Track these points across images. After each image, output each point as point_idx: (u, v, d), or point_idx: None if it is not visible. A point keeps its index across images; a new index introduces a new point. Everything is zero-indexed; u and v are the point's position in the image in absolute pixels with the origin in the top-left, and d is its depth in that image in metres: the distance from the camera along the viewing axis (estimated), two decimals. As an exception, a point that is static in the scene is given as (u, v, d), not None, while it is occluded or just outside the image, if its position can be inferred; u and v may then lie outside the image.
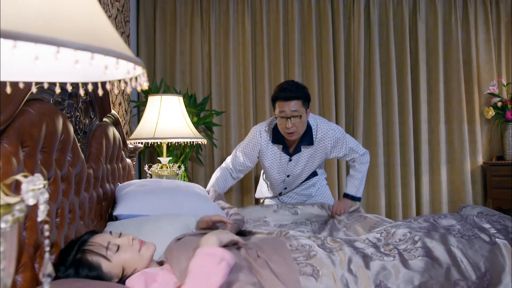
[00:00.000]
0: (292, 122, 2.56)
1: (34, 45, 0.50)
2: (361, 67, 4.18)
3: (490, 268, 1.54)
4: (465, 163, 4.16)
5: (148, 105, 3.11)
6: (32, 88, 0.66)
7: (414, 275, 1.49)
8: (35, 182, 0.65)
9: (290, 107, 2.54)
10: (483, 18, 4.26)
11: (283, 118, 2.58)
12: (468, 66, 4.23)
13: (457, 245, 1.59)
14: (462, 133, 4.17)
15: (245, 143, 2.86)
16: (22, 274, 1.37)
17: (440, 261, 1.54)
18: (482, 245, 1.59)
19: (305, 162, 2.83)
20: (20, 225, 1.37)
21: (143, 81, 0.63)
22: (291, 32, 4.22)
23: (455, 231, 1.66)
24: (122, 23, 3.65)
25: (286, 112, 2.55)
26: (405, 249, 1.61)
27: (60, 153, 1.71)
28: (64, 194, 1.74)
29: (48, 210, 1.56)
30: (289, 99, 2.53)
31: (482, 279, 1.51)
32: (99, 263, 1.45)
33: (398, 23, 4.24)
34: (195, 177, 4.19)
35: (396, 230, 1.72)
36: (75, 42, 0.51)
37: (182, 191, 2.40)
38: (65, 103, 1.87)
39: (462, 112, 4.18)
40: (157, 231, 1.90)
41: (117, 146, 2.56)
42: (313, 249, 1.62)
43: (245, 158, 2.86)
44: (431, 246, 1.60)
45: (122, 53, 0.56)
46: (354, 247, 1.65)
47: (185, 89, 4.12)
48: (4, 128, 1.34)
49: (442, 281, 1.50)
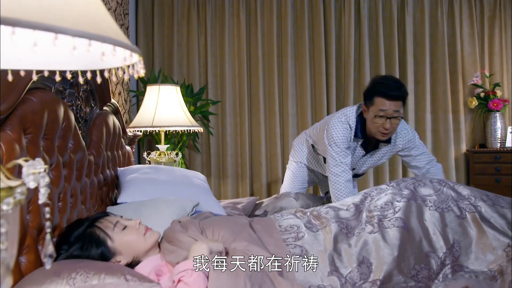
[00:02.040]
0: (391, 122, 2.27)
1: (32, 31, 0.49)
2: (351, 58, 4.17)
3: (459, 241, 1.56)
4: (449, 150, 4.17)
5: (146, 95, 3.09)
6: (32, 76, 0.65)
7: (393, 248, 1.53)
8: (35, 166, 0.65)
9: (394, 107, 2.25)
10: (468, 13, 4.25)
11: (382, 118, 2.26)
12: (453, 58, 4.22)
13: (430, 219, 1.63)
14: (447, 122, 4.18)
15: (339, 140, 2.41)
16: (26, 256, 1.37)
17: (414, 233, 1.58)
18: (452, 219, 1.63)
19: (376, 160, 2.60)
20: (23, 209, 1.36)
21: (140, 68, 0.62)
22: (284, 25, 4.19)
23: (431, 203, 1.69)
24: (121, 15, 3.61)
25: (388, 111, 2.25)
26: (385, 216, 1.65)
27: (61, 140, 1.70)
28: (66, 180, 1.73)
29: (50, 194, 1.56)
30: (395, 99, 2.25)
31: (451, 250, 1.54)
32: (104, 239, 1.46)
33: (387, 17, 4.23)
34: (192, 164, 4.19)
35: (380, 197, 1.76)
36: (72, 29, 0.50)
37: (183, 182, 2.40)
38: (66, 92, 1.86)
39: (447, 102, 4.18)
40: (155, 214, 1.90)
41: (117, 134, 2.55)
42: (300, 230, 1.65)
43: (347, 154, 2.43)
44: (409, 216, 1.64)
45: (119, 40, 0.55)
46: (339, 221, 1.68)
47: (182, 80, 4.10)
48: (7, 116, 1.33)
49: (417, 253, 1.53)
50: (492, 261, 1.50)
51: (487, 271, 1.49)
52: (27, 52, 0.63)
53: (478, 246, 1.54)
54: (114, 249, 1.47)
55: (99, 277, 1.21)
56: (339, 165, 2.40)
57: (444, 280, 1.48)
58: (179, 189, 2.27)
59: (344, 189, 2.39)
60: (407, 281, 1.47)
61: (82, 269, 1.24)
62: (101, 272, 1.24)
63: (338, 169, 2.40)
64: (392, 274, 1.48)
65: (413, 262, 1.51)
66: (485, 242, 1.54)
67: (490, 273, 1.48)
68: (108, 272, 1.24)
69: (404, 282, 1.47)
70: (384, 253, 1.52)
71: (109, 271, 1.25)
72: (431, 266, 1.51)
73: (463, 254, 1.54)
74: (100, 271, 1.24)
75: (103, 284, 1.20)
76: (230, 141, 4.19)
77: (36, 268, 1.37)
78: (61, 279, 1.20)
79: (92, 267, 1.26)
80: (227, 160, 4.18)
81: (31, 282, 1.21)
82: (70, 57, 0.62)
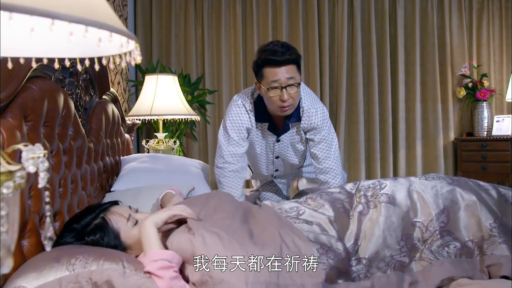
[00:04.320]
0: (288, 92, 1.91)
1: (29, 17, 0.48)
2: (344, 50, 4.15)
3: (449, 207, 1.53)
4: (438, 139, 4.18)
5: (145, 84, 3.07)
6: (32, 64, 0.65)
7: (379, 225, 1.51)
8: (35, 151, 0.64)
9: (285, 73, 1.89)
10: (457, 5, 4.23)
11: (276, 89, 1.91)
12: (443, 49, 4.21)
13: (419, 187, 1.59)
14: (436, 111, 4.18)
15: (230, 126, 2.09)
16: (28, 239, 1.37)
17: (401, 205, 1.55)
18: (443, 186, 1.59)
19: (295, 143, 2.19)
20: (25, 194, 1.36)
21: (137, 55, 0.61)
22: (279, 16, 4.16)
23: (422, 177, 1.66)
24: (120, 6, 3.57)
25: (281, 80, 1.89)
26: (372, 195, 1.62)
27: (62, 128, 1.69)
28: (67, 166, 1.72)
29: (51, 180, 1.55)
30: (283, 63, 1.89)
31: (441, 216, 1.51)
32: (118, 232, 1.43)
33: (379, 9, 4.20)
34: (190, 151, 4.18)
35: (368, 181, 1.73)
36: (69, 15, 0.49)
37: (179, 171, 2.39)
38: (66, 81, 1.84)
39: (436, 92, 4.18)
40: (150, 200, 1.90)
41: (116, 122, 2.53)
42: (300, 208, 1.64)
43: (237, 142, 2.08)
44: (395, 189, 1.60)
45: (115, 26, 0.54)
46: (334, 200, 1.66)
47: (180, 70, 4.08)
48: (8, 103, 1.32)
49: (404, 224, 1.51)
50: (477, 231, 1.47)
51: (468, 241, 1.46)
52: (25, 38, 0.62)
53: (466, 213, 1.50)
54: (126, 244, 1.43)
55: (98, 263, 1.20)
56: (222, 156, 2.10)
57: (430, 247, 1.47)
58: (173, 178, 2.25)
59: (231, 181, 2.11)
60: (393, 254, 1.46)
61: (81, 255, 1.23)
62: (100, 258, 1.22)
63: (220, 161, 2.11)
64: (378, 251, 1.47)
65: (400, 233, 1.49)
66: (474, 212, 1.50)
67: (471, 244, 1.45)
68: (107, 258, 1.23)
69: (390, 256, 1.46)
70: (370, 231, 1.51)
71: (108, 257, 1.24)
72: (417, 234, 1.49)
73: (451, 220, 1.50)
74: (99, 256, 1.23)
75: (101, 270, 1.18)
76: (226, 130, 4.17)
77: (37, 251, 1.37)
78: (61, 265, 1.19)
79: (91, 253, 1.25)
80: (223, 148, 4.17)
81: (32, 268, 1.20)
82: (68, 44, 0.61)
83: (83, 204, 1.87)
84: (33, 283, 1.14)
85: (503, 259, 1.38)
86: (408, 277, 1.37)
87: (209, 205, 1.56)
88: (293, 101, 1.95)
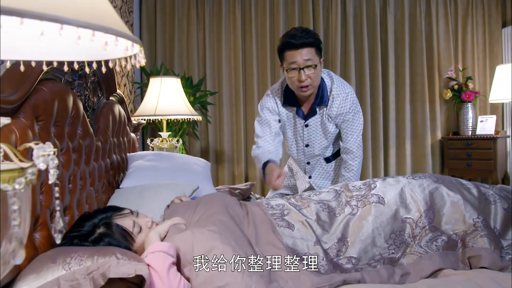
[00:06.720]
0: (306, 73, 1.93)
1: (39, 22, 0.48)
2: (338, 53, 4.15)
3: (435, 203, 1.53)
4: (426, 137, 4.18)
5: (150, 86, 3.07)
6: (43, 67, 0.64)
7: (369, 225, 1.50)
8: (45, 149, 0.64)
9: (303, 55, 1.92)
10: (443, 12, 4.23)
11: (294, 70, 1.94)
12: (430, 53, 4.21)
13: (408, 186, 1.58)
14: (424, 112, 4.18)
15: (259, 107, 2.17)
16: (40, 232, 1.37)
17: (390, 205, 1.54)
18: (430, 183, 1.59)
19: (323, 128, 2.14)
20: (36, 190, 1.35)
21: (141, 58, 0.61)
22: (276, 21, 4.16)
23: (410, 176, 1.65)
24: (126, 13, 3.57)
25: (299, 62, 1.92)
26: (363, 195, 1.60)
27: (71, 127, 1.68)
28: (76, 164, 1.72)
29: (61, 176, 1.55)
30: (300, 47, 1.92)
31: (428, 212, 1.51)
32: (128, 240, 1.41)
33: (370, 16, 4.20)
34: (192, 150, 4.18)
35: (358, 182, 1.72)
36: (77, 20, 0.49)
37: (183, 169, 2.38)
38: (75, 83, 1.84)
39: (424, 93, 4.18)
40: (156, 197, 1.89)
41: (122, 122, 2.53)
42: (286, 207, 1.62)
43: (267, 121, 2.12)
44: (385, 190, 1.59)
45: (121, 31, 0.54)
46: (320, 202, 1.64)
47: (183, 72, 4.08)
48: (21, 104, 1.32)
49: (393, 222, 1.51)
50: (461, 225, 1.48)
51: (453, 234, 1.47)
52: (36, 43, 0.61)
53: (452, 209, 1.51)
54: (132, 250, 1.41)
55: (92, 259, 1.19)
56: (257, 135, 2.16)
57: (419, 242, 1.47)
58: (177, 176, 2.25)
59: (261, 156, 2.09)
60: (381, 252, 1.46)
61: (76, 253, 1.21)
62: (94, 255, 1.21)
63: (256, 140, 2.16)
64: (366, 250, 1.46)
65: (389, 232, 1.49)
66: (458, 208, 1.51)
67: (455, 237, 1.46)
68: (100, 254, 1.21)
69: (379, 254, 1.46)
70: (360, 231, 1.49)
71: (101, 253, 1.22)
72: (407, 230, 1.49)
73: (437, 215, 1.51)
74: (93, 254, 1.21)
75: (96, 264, 1.16)
76: (226, 129, 4.17)
77: (48, 243, 1.37)
78: (57, 265, 1.17)
79: (85, 252, 1.23)
80: (223, 146, 4.17)
81: (31, 271, 1.18)
82: (75, 48, 0.61)
83: (92, 199, 1.87)
84: (33, 285, 1.12)
85: (482, 251, 1.40)
86: (399, 270, 1.38)
87: (197, 212, 1.54)
88: (311, 82, 1.97)
